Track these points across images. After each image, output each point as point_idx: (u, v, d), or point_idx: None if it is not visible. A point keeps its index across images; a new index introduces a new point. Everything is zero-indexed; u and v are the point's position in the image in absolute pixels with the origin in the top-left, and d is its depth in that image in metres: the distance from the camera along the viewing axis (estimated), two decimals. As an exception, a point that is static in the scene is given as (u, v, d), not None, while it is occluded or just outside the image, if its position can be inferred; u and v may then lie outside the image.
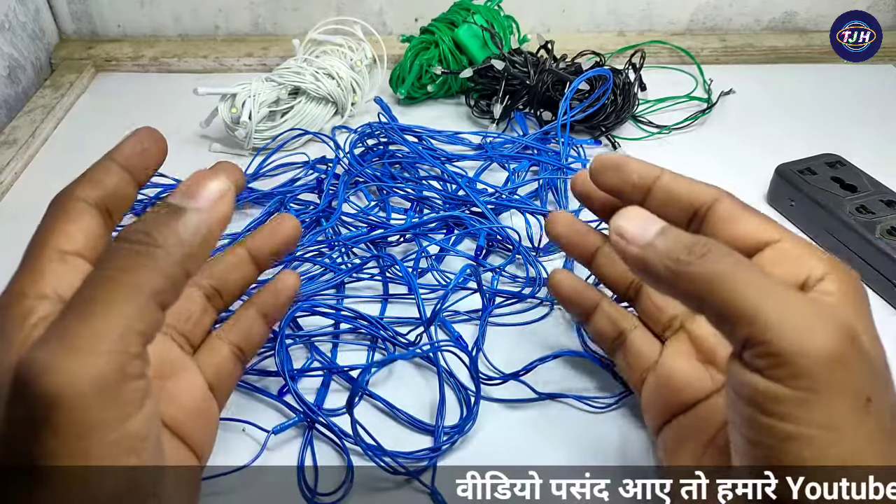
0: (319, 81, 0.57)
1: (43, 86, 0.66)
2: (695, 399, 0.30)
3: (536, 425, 0.36)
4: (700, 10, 0.72)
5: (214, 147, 0.58)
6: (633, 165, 0.30)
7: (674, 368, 0.32)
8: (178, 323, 0.30)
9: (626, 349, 0.34)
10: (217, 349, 0.31)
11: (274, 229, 0.33)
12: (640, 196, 0.30)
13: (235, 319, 0.32)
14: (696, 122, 0.60)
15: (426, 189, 0.50)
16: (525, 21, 0.66)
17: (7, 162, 0.56)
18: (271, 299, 0.33)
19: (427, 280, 0.44)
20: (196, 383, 0.30)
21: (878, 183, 0.48)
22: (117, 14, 0.73)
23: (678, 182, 0.29)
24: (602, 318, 0.35)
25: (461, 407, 0.37)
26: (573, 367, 0.39)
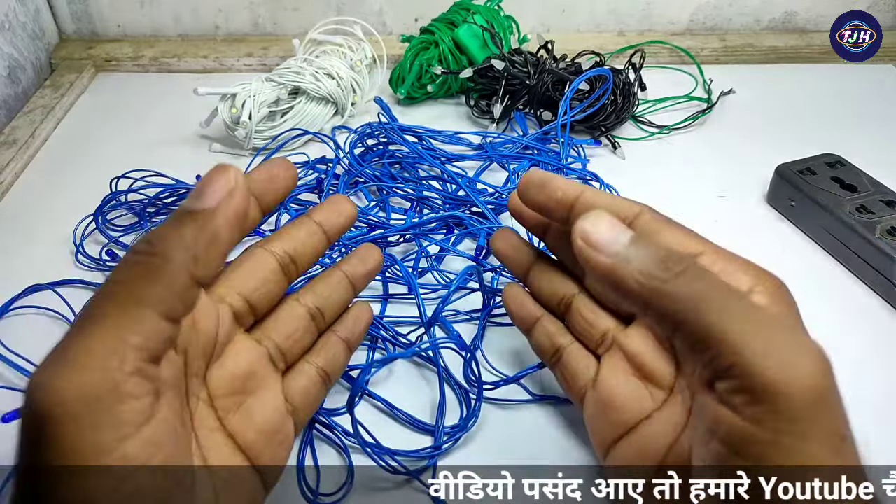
0: (319, 81, 0.57)
1: (43, 86, 0.66)
2: (637, 419, 0.28)
3: (533, 426, 0.36)
4: (700, 10, 0.72)
5: (214, 147, 0.58)
6: (556, 182, 0.29)
7: (612, 387, 0.30)
8: (282, 340, 0.29)
9: (563, 365, 0.32)
10: (306, 372, 0.30)
11: (363, 254, 0.33)
12: (564, 212, 0.29)
13: (323, 343, 0.31)
14: (696, 122, 0.60)
15: (426, 189, 0.50)
16: (525, 21, 0.66)
17: (7, 162, 0.56)
18: (351, 327, 0.32)
19: (427, 280, 0.44)
20: (276, 405, 0.28)
21: (878, 183, 0.48)
22: (117, 14, 0.73)
23: (599, 198, 0.29)
24: (541, 334, 0.33)
25: (461, 407, 0.37)
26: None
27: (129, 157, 0.55)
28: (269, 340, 0.29)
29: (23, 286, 0.44)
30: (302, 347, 0.30)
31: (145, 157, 0.55)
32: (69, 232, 0.48)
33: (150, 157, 0.56)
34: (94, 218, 0.49)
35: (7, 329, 0.42)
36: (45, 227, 0.50)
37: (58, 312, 0.43)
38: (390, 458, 0.33)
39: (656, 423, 0.28)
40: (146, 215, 0.50)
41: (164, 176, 0.52)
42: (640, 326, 0.30)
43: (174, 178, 0.52)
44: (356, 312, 0.33)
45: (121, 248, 0.48)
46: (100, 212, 0.49)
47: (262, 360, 0.28)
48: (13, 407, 0.36)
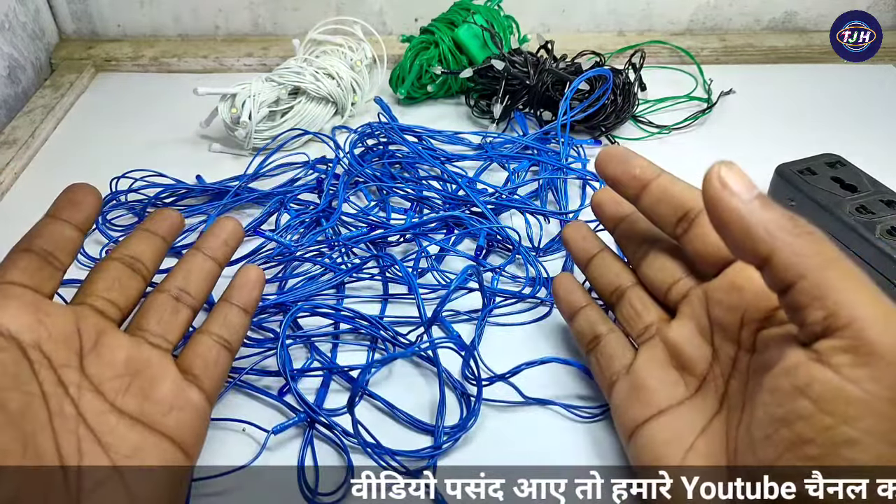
0: (319, 81, 0.57)
1: (43, 86, 0.66)
2: (668, 404, 0.30)
3: (525, 428, 0.36)
4: (700, 10, 0.72)
5: (214, 147, 0.58)
6: (636, 160, 0.32)
7: (647, 373, 0.31)
8: (150, 326, 0.31)
9: (600, 352, 0.34)
10: (198, 341, 0.33)
11: (216, 227, 0.36)
12: (637, 189, 0.32)
13: (212, 314, 0.34)
14: (696, 122, 0.60)
15: (426, 189, 0.50)
16: (525, 21, 0.66)
17: (7, 162, 0.56)
18: (238, 293, 0.35)
19: (427, 280, 0.44)
20: (170, 377, 0.30)
21: (878, 183, 0.48)
22: (117, 14, 0.73)
23: (675, 184, 0.31)
24: (583, 320, 0.36)
25: (460, 406, 0.37)
26: (567, 372, 0.39)
27: (129, 157, 0.55)
28: (139, 329, 0.31)
29: (23, 286, 0.44)
30: (178, 325, 0.32)
31: (145, 157, 0.55)
32: (69, 232, 0.48)
33: (150, 157, 0.56)
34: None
35: (7, 329, 0.42)
36: (45, 227, 0.50)
37: (58, 312, 0.43)
38: (390, 458, 0.33)
39: (688, 409, 0.29)
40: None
41: (164, 176, 0.52)
42: (682, 318, 0.32)
43: (174, 178, 0.52)
44: (240, 280, 0.35)
45: (121, 248, 0.48)
46: (100, 212, 0.49)
47: (139, 345, 0.30)
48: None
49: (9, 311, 0.26)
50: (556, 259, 0.46)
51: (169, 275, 0.34)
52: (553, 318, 0.42)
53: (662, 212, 0.32)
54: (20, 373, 0.25)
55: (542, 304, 0.43)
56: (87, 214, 0.31)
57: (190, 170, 0.54)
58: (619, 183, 0.33)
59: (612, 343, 0.34)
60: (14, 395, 0.25)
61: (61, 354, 0.27)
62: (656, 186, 0.31)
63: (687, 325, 0.31)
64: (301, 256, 0.45)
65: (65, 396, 0.27)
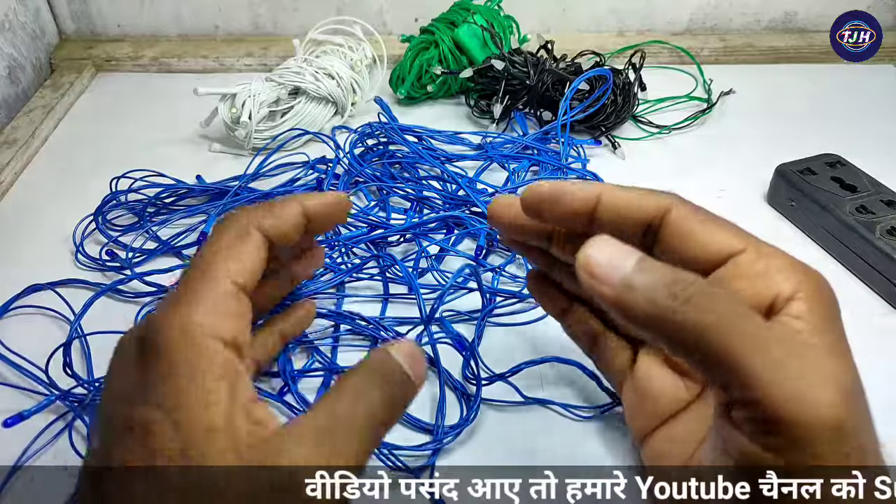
0: (319, 81, 0.57)
1: (43, 86, 0.66)
2: (672, 411, 0.29)
3: (524, 428, 0.36)
4: (700, 10, 0.72)
5: (214, 147, 0.58)
6: (569, 191, 0.26)
7: (649, 378, 0.30)
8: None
9: (599, 352, 0.32)
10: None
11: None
12: (586, 219, 0.27)
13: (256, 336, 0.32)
14: (696, 122, 0.60)
15: (426, 189, 0.50)
16: (525, 21, 0.66)
17: (7, 162, 0.56)
18: (291, 327, 0.34)
19: (427, 280, 0.44)
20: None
21: (878, 183, 0.48)
22: (117, 14, 0.73)
23: (621, 197, 0.26)
24: (574, 321, 0.33)
25: (460, 405, 0.37)
26: (567, 372, 0.39)
27: (129, 157, 0.55)
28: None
29: (23, 286, 0.44)
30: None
31: (145, 157, 0.55)
32: (69, 232, 0.48)
33: (150, 157, 0.56)
34: (93, 218, 0.49)
35: (7, 329, 0.42)
36: (45, 227, 0.50)
37: (58, 312, 0.43)
38: (390, 455, 0.33)
39: (691, 415, 0.28)
40: (146, 215, 0.50)
41: (164, 176, 0.52)
42: None
43: (174, 178, 0.52)
44: (297, 310, 0.34)
45: (120, 247, 0.48)
46: (100, 212, 0.49)
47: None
48: (13, 407, 0.36)
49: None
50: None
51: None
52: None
53: (625, 235, 0.25)
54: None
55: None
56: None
57: (190, 170, 0.54)
58: (563, 223, 0.28)
59: (609, 344, 0.32)
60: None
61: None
62: (604, 210, 0.26)
63: None
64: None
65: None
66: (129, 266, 0.46)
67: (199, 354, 0.23)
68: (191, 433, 0.22)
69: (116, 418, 0.23)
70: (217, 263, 0.25)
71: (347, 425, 0.23)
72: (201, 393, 0.23)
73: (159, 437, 0.22)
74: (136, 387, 0.23)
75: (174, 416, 0.22)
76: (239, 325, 0.25)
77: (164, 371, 0.23)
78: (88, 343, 0.40)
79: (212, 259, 0.26)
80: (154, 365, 0.23)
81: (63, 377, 0.38)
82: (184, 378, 0.23)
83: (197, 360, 0.23)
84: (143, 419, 0.22)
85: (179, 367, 0.23)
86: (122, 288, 0.44)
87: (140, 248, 0.47)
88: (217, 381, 0.23)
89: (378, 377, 0.25)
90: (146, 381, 0.23)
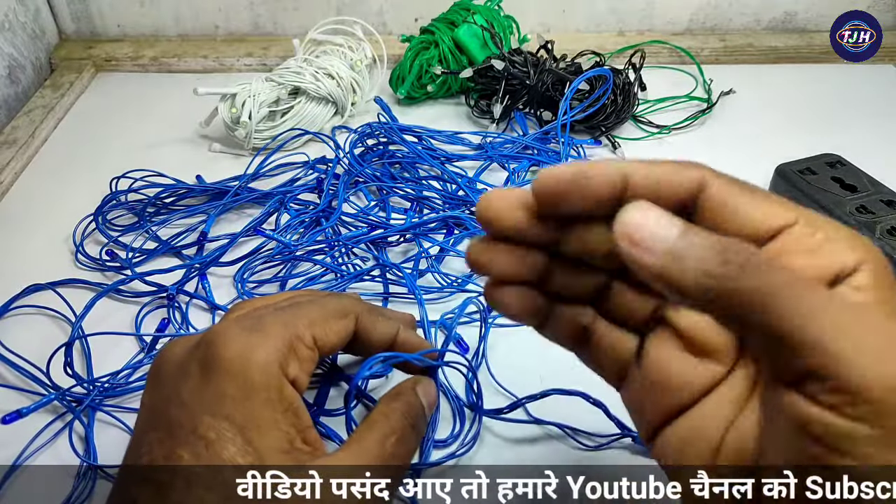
0: (319, 81, 0.57)
1: (43, 86, 0.66)
2: (694, 398, 0.26)
3: (526, 444, 0.36)
4: (700, 10, 0.72)
5: (214, 147, 0.58)
6: (591, 171, 0.23)
7: (666, 366, 0.26)
8: None
9: (594, 346, 0.28)
10: None
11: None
12: (608, 207, 0.23)
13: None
14: (696, 122, 0.60)
15: (426, 189, 0.50)
16: (525, 21, 0.66)
17: (7, 162, 0.56)
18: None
19: (427, 280, 0.44)
20: None
21: (878, 183, 0.48)
22: (117, 14, 0.73)
23: (651, 175, 0.23)
24: (558, 320, 0.28)
25: (454, 419, 0.37)
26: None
27: (129, 157, 0.55)
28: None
29: (23, 286, 0.44)
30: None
31: (145, 157, 0.55)
32: (69, 232, 0.48)
33: (150, 157, 0.56)
34: (94, 218, 0.49)
35: (7, 329, 0.42)
36: (45, 227, 0.50)
37: (58, 312, 0.43)
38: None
39: (713, 401, 0.25)
40: (146, 215, 0.50)
41: (164, 176, 0.52)
42: None
43: (174, 178, 0.52)
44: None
45: (120, 247, 0.48)
46: (100, 212, 0.49)
47: None
48: (13, 407, 0.36)
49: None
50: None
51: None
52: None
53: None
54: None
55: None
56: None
57: (190, 170, 0.54)
58: (589, 213, 0.24)
59: (607, 334, 0.27)
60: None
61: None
62: (634, 189, 0.23)
63: None
64: (301, 256, 0.45)
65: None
66: (129, 266, 0.46)
67: (269, 384, 0.26)
68: (262, 451, 0.25)
69: (181, 424, 0.25)
70: (306, 319, 0.29)
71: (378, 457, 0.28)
72: (272, 419, 0.26)
73: (230, 449, 0.25)
74: (200, 397, 0.26)
75: (246, 434, 0.25)
76: (303, 374, 0.28)
77: (236, 390, 0.26)
78: (89, 343, 0.40)
79: (304, 314, 0.29)
80: (222, 381, 0.26)
81: (63, 377, 0.38)
82: (257, 402, 0.26)
83: (267, 389, 0.26)
84: (215, 428, 0.25)
85: (252, 391, 0.26)
86: (122, 288, 0.44)
87: (140, 248, 0.47)
88: (285, 413, 0.26)
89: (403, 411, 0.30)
90: (214, 395, 0.26)
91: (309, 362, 0.29)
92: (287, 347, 0.28)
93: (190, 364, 0.27)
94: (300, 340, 0.28)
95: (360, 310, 0.32)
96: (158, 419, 0.26)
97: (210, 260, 0.45)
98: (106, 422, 0.37)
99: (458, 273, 0.45)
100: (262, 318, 0.28)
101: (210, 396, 0.26)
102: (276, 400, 0.26)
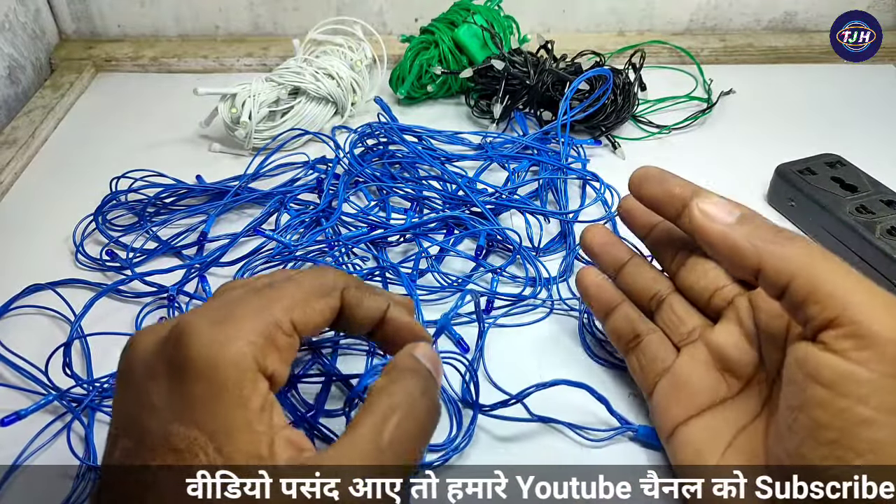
0: (319, 81, 0.57)
1: (43, 86, 0.66)
2: (710, 403, 0.31)
3: (524, 441, 0.36)
4: (700, 10, 0.72)
5: (214, 147, 0.58)
6: (674, 179, 0.32)
7: (690, 373, 0.32)
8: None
9: (642, 351, 0.34)
10: None
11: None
12: (677, 207, 0.31)
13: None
14: (696, 122, 0.60)
15: (426, 189, 0.50)
16: (525, 21, 0.66)
17: (7, 162, 0.56)
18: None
19: (427, 280, 0.44)
20: None
21: (878, 183, 0.48)
22: (117, 14, 0.73)
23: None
24: (621, 318, 0.35)
25: (451, 419, 0.36)
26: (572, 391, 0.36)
27: (129, 157, 0.55)
28: None
29: (23, 286, 0.44)
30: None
31: (145, 157, 0.55)
32: (69, 232, 0.48)
33: (150, 157, 0.56)
34: (94, 218, 0.49)
35: (7, 329, 0.42)
36: (45, 227, 0.50)
37: (58, 312, 0.43)
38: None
39: (729, 408, 0.31)
40: (146, 215, 0.50)
41: (164, 176, 0.52)
42: (728, 323, 0.32)
43: (174, 178, 0.52)
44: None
45: (121, 247, 0.48)
46: (100, 212, 0.49)
47: None
48: (12, 407, 0.36)
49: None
50: (555, 258, 0.46)
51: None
52: (554, 318, 0.42)
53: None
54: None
55: (544, 304, 0.43)
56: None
57: (190, 170, 0.54)
58: (658, 203, 0.32)
59: (654, 343, 0.34)
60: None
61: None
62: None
63: (732, 329, 0.32)
64: (301, 256, 0.45)
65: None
66: (129, 266, 0.46)
67: (241, 382, 0.24)
68: (235, 457, 0.23)
69: (151, 431, 0.23)
70: (283, 302, 0.26)
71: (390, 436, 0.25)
72: (245, 422, 0.23)
73: (201, 458, 0.22)
74: (170, 402, 0.24)
75: (217, 441, 0.23)
76: (282, 366, 0.26)
77: (205, 393, 0.23)
78: (89, 343, 0.40)
79: (280, 297, 0.27)
80: (191, 383, 0.24)
81: (63, 378, 0.38)
82: (229, 403, 0.23)
83: (239, 388, 0.24)
84: (185, 438, 0.23)
85: (223, 392, 0.23)
86: (122, 288, 0.44)
87: (140, 249, 0.47)
88: (260, 413, 0.24)
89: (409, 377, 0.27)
90: (183, 399, 0.23)
91: (289, 351, 0.26)
92: (262, 338, 0.25)
93: (158, 364, 0.25)
94: (277, 328, 0.26)
95: (345, 284, 0.29)
96: (130, 425, 0.24)
97: (210, 260, 0.45)
98: (105, 422, 0.37)
99: (458, 273, 0.45)
100: (233, 308, 0.26)
101: (179, 401, 0.23)
102: (249, 398, 0.24)
